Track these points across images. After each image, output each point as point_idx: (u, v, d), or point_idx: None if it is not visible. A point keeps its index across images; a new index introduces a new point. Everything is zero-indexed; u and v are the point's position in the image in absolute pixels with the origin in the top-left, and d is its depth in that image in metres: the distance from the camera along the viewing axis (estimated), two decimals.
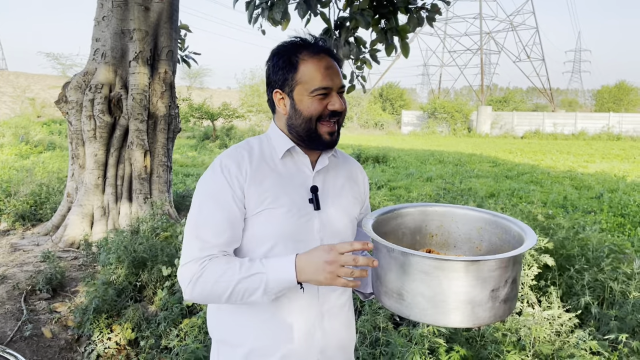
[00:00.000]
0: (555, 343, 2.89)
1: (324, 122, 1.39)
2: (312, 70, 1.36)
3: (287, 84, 1.39)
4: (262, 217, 1.36)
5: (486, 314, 1.18)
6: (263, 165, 1.40)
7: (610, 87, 53.61)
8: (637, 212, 8.68)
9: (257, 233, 1.37)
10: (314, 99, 1.36)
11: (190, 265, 1.31)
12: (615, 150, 22.86)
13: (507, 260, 1.18)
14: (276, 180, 1.39)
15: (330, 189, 1.49)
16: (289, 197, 1.39)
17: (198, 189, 1.39)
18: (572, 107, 63.82)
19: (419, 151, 21.30)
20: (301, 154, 1.44)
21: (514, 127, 35.51)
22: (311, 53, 1.38)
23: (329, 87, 1.37)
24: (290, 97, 1.39)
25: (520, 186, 11.44)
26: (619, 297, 3.46)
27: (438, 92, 58.28)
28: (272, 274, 1.26)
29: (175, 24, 6.02)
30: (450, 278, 1.15)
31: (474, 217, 1.53)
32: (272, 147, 1.45)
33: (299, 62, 1.37)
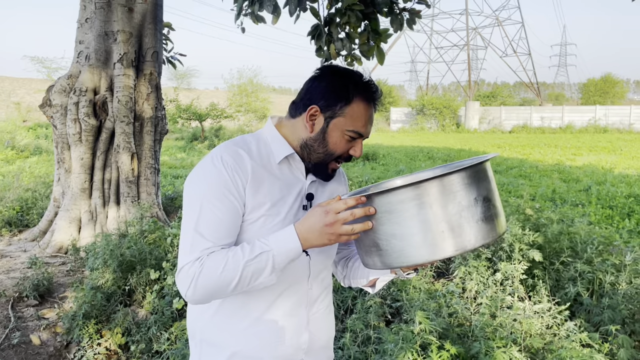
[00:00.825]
0: (546, 337, 2.90)
1: (338, 161, 1.42)
2: (361, 112, 1.36)
3: (332, 109, 1.36)
4: (258, 224, 1.34)
5: (466, 238, 1.13)
6: (261, 168, 1.37)
7: (596, 80, 54.14)
8: (624, 203, 8.76)
9: (252, 240, 1.32)
10: (344, 137, 1.37)
11: (190, 264, 1.26)
12: (602, 142, 23.08)
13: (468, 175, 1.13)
14: (274, 186, 1.37)
15: (323, 196, 1.50)
16: (286, 205, 1.38)
17: (195, 182, 1.33)
18: (559, 100, 64.38)
19: (409, 148, 21.36)
20: (298, 160, 1.43)
21: (502, 122, 35.74)
22: (368, 97, 1.38)
23: (362, 135, 1.39)
24: (327, 122, 1.37)
25: (509, 180, 11.50)
26: (609, 288, 3.48)
27: (426, 88, 58.46)
28: (277, 249, 1.24)
29: (159, 25, 5.96)
30: (411, 208, 1.12)
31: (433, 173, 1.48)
32: (270, 151, 1.42)
33: (355, 97, 1.36)
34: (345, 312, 3.67)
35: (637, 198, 9.24)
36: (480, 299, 3.47)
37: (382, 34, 5.25)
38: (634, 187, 10.39)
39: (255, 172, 1.34)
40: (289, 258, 1.25)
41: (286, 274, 1.36)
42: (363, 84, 1.38)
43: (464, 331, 3.13)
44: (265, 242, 1.26)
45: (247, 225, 1.34)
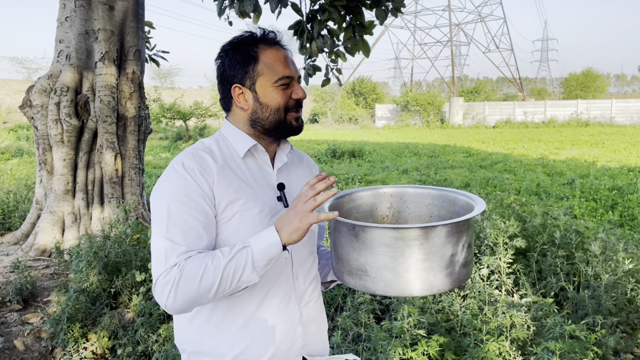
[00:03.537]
0: (533, 328, 2.92)
1: (291, 112, 1.39)
2: (273, 61, 1.36)
3: (248, 77, 1.36)
4: (234, 221, 1.32)
5: (448, 280, 1.23)
6: (226, 167, 1.35)
7: (578, 74, 54.80)
8: (608, 196, 8.89)
9: (230, 238, 1.32)
10: (278, 89, 1.36)
11: (166, 273, 1.22)
12: (584, 136, 23.39)
13: (461, 225, 1.22)
14: (243, 182, 1.35)
15: (294, 185, 1.48)
16: (259, 198, 1.36)
17: (160, 193, 1.30)
18: (541, 95, 65.07)
19: (394, 144, 21.42)
20: (262, 151, 1.42)
21: (486, 117, 36.02)
22: (269, 44, 1.38)
23: (291, 77, 1.37)
24: (253, 90, 1.37)
25: (494, 175, 11.59)
26: (592, 280, 3.52)
27: (410, 84, 58.69)
28: (256, 245, 1.22)
29: (141, 23, 5.89)
30: (412, 246, 1.18)
31: (421, 194, 1.58)
32: (232, 147, 1.40)
33: (258, 53, 1.36)
34: (336, 309, 3.67)
35: (620, 190, 9.38)
36: (467, 294, 3.48)
37: (367, 27, 5.25)
38: (617, 179, 10.54)
39: (221, 172, 1.32)
40: (268, 255, 1.23)
41: (270, 268, 1.33)
42: (257, 37, 1.38)
43: (451, 325, 3.14)
44: (243, 241, 1.25)
45: (223, 224, 1.32)
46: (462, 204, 1.44)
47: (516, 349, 2.78)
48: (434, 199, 1.55)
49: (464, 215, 1.26)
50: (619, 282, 3.42)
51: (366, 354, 2.79)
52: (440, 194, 1.53)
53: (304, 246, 1.46)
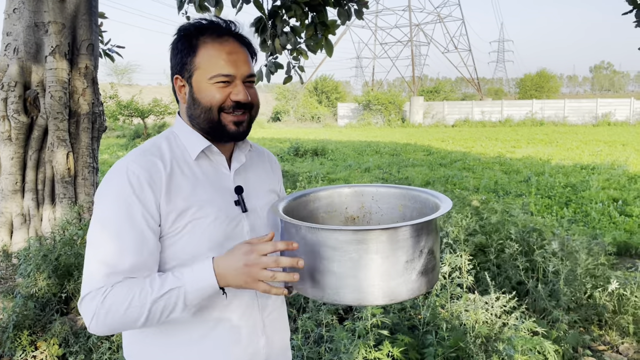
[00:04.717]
0: (495, 325, 2.95)
1: (227, 113, 1.26)
2: (212, 55, 1.23)
3: (186, 68, 1.25)
4: (187, 230, 1.20)
5: (402, 289, 1.13)
6: (177, 171, 1.23)
7: (532, 75, 56.51)
8: (562, 193, 9.16)
9: (185, 248, 1.21)
10: (214, 86, 1.23)
11: (92, 295, 1.11)
12: (539, 135, 24.11)
13: (419, 228, 1.13)
14: (196, 186, 1.24)
15: (253, 187, 1.37)
16: (214, 203, 1.25)
17: (101, 201, 1.18)
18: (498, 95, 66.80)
19: (356, 143, 21.53)
20: (217, 153, 1.31)
21: (445, 117, 36.67)
22: (214, 35, 1.25)
23: (231, 75, 1.24)
24: (189, 83, 1.26)
25: (454, 173, 11.79)
26: (551, 276, 3.58)
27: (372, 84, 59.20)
28: (190, 285, 1.12)
29: (94, 16, 5.66)
30: (361, 250, 1.08)
31: (394, 194, 1.49)
32: (183, 147, 1.29)
33: (199, 44, 1.24)
34: (298, 310, 3.61)
35: (573, 188, 9.69)
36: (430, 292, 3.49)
37: (330, 26, 5.20)
38: (570, 177, 10.89)
39: (171, 179, 1.21)
40: (203, 296, 1.13)
41: None
42: (205, 26, 1.26)
43: (414, 324, 3.14)
44: (179, 275, 1.13)
45: (174, 236, 1.20)
46: (432, 205, 1.37)
47: (479, 346, 2.79)
48: (407, 200, 1.47)
49: (424, 217, 1.17)
50: (577, 278, 3.49)
51: (329, 355, 2.74)
52: (412, 194, 1.46)
53: None
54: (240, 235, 1.28)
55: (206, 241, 1.22)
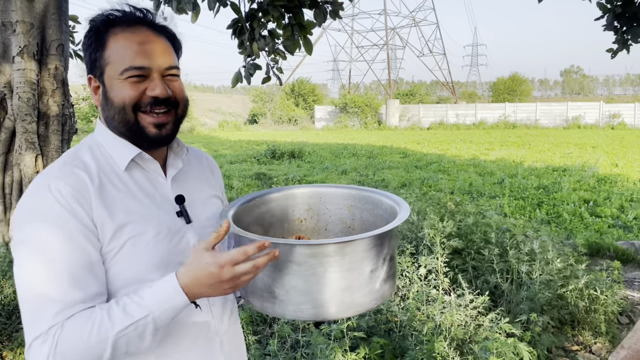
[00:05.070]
0: (470, 327, 2.96)
1: (145, 112, 1.10)
2: (122, 46, 1.08)
3: (97, 65, 1.10)
4: (125, 252, 1.06)
5: (368, 299, 1.10)
6: (107, 184, 1.08)
7: (505, 79, 57.49)
8: (535, 195, 9.31)
9: (125, 270, 1.07)
10: (125, 82, 1.07)
11: (41, 340, 0.96)
12: (512, 137, 24.52)
13: (382, 236, 1.10)
14: (131, 201, 1.10)
15: (195, 195, 1.24)
16: (153, 217, 1.11)
17: (24, 226, 1.01)
18: (472, 98, 67.78)
19: (333, 145, 21.56)
20: (149, 160, 1.16)
21: (421, 119, 37.04)
22: (124, 26, 1.09)
23: (145, 67, 1.08)
24: (102, 82, 1.10)
25: (429, 175, 11.89)
26: (525, 278, 3.62)
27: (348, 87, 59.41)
28: (157, 309, 1.00)
29: (65, 16, 5.53)
30: (325, 264, 1.03)
31: (342, 194, 1.44)
32: (110, 157, 1.12)
33: (108, 37, 1.09)
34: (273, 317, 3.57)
35: (545, 189, 9.86)
36: (406, 294, 3.49)
37: (307, 27, 5.20)
38: (543, 179, 11.09)
39: (101, 192, 1.06)
40: (174, 314, 1.03)
41: None
42: (113, 16, 1.10)
43: (390, 327, 3.13)
44: (139, 302, 1.00)
45: (112, 257, 1.06)
46: (386, 206, 1.32)
47: (455, 349, 2.80)
48: (356, 200, 1.41)
49: (388, 224, 1.13)
50: (550, 280, 3.54)
51: None
52: (363, 195, 1.40)
53: None
54: (186, 250, 1.16)
55: (149, 260, 1.09)
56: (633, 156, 15.17)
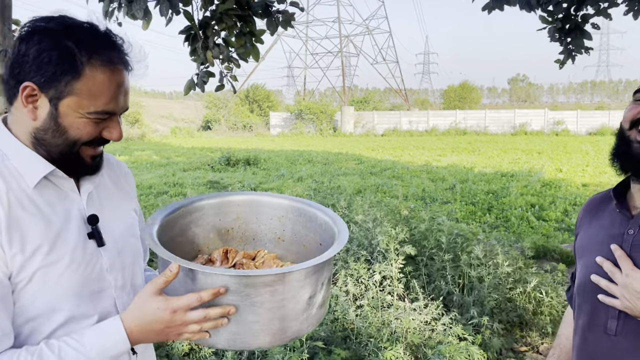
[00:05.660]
0: (425, 332, 3.03)
1: (89, 147, 1.04)
2: (99, 85, 0.98)
3: (55, 86, 0.96)
4: (37, 280, 0.96)
5: (304, 325, 1.08)
6: (16, 205, 0.96)
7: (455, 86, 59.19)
8: (485, 200, 9.62)
9: (34, 302, 0.97)
10: (90, 121, 1.00)
11: None
12: (463, 144, 25.25)
13: (321, 264, 1.06)
14: (40, 222, 0.98)
15: (108, 212, 1.13)
16: (66, 243, 1.01)
17: None
18: (424, 105, 69.37)
19: (289, 152, 21.56)
20: (63, 177, 1.05)
21: (375, 126, 37.59)
22: (106, 60, 0.98)
23: (113, 113, 1.03)
24: (54, 105, 0.98)
25: (384, 181, 12.08)
26: (476, 282, 3.74)
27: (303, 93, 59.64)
28: (98, 356, 0.93)
29: (8, 21, 5.31)
30: (257, 295, 0.98)
31: (275, 204, 1.39)
32: (17, 173, 0.99)
33: (84, 66, 0.97)
34: None
35: (494, 194, 10.21)
36: (361, 302, 3.54)
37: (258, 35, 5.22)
38: (492, 184, 11.47)
39: (10, 216, 0.94)
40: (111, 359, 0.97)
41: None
42: (97, 42, 0.98)
43: (347, 334, 3.16)
44: (78, 347, 0.92)
45: (21, 289, 0.95)
46: (321, 222, 1.28)
47: (410, 354, 2.86)
48: (289, 212, 1.37)
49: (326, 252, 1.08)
50: (500, 283, 3.67)
51: None
52: (298, 207, 1.35)
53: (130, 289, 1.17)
54: (100, 276, 1.07)
55: (62, 291, 0.99)
56: (576, 162, 15.93)
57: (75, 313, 1.02)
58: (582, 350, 1.28)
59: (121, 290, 1.12)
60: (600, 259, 1.20)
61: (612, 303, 1.16)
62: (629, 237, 1.18)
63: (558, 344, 1.53)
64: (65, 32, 0.97)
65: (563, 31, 5.37)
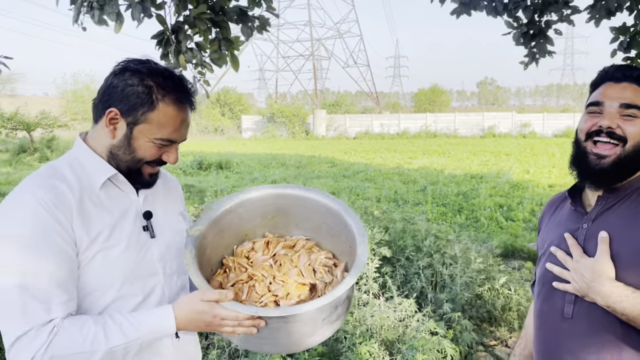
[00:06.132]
0: (399, 328, 3.13)
1: (149, 166, 1.29)
2: (168, 118, 1.23)
3: (134, 114, 1.22)
4: (97, 262, 1.18)
5: (318, 338, 1.30)
6: (85, 198, 1.20)
7: (426, 90, 60.16)
8: (455, 201, 9.85)
9: (96, 280, 1.19)
10: (155, 144, 1.25)
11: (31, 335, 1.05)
12: (433, 146, 25.66)
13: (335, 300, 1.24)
14: (104, 214, 1.22)
15: (160, 212, 1.38)
16: (123, 231, 1.24)
17: (8, 233, 1.09)
18: (395, 108, 70.13)
19: (262, 155, 21.56)
20: (123, 180, 1.29)
21: (347, 129, 37.84)
22: (176, 99, 1.24)
23: (175, 141, 1.28)
24: (130, 128, 1.23)
25: (357, 184, 12.22)
26: (448, 280, 3.87)
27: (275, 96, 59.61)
28: (150, 335, 1.16)
29: None
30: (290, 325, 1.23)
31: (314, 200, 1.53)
32: (87, 175, 1.24)
33: (159, 101, 1.22)
34: None
35: (464, 195, 10.45)
36: None
37: (234, 42, 5.25)
38: (462, 185, 11.73)
39: (80, 205, 1.18)
40: (158, 339, 1.21)
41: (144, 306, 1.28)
42: (171, 85, 1.24)
43: None
44: (136, 325, 1.15)
45: (85, 265, 1.18)
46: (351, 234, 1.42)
47: (385, 349, 2.95)
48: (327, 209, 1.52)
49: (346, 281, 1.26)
50: (471, 281, 3.80)
51: None
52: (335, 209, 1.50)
53: (176, 278, 1.40)
54: (150, 263, 1.30)
55: (118, 272, 1.22)
56: (543, 163, 16.40)
57: (125, 292, 1.23)
58: (541, 333, 1.39)
59: (169, 277, 1.35)
60: (554, 248, 1.32)
61: (565, 288, 1.28)
62: (583, 230, 1.30)
63: (524, 334, 1.64)
64: (149, 74, 1.22)
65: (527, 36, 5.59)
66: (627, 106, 1.25)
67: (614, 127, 1.25)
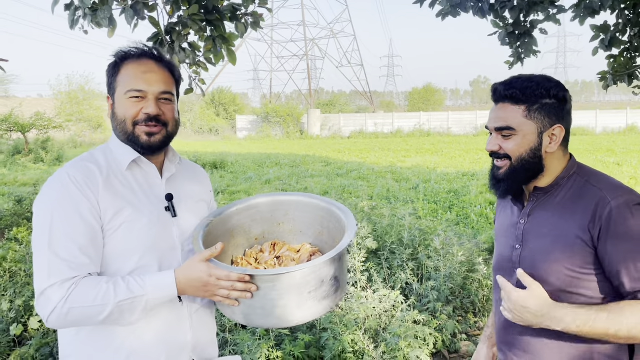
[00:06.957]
0: (383, 318, 3.26)
1: (140, 125, 1.42)
2: (130, 73, 1.41)
3: (111, 87, 1.44)
4: (121, 232, 1.35)
5: (305, 313, 1.35)
6: (113, 177, 1.39)
7: (419, 89, 60.29)
8: (446, 198, 9.99)
9: (120, 248, 1.35)
10: (128, 101, 1.40)
11: (56, 288, 1.24)
12: (426, 145, 25.81)
13: (320, 265, 1.33)
14: (130, 192, 1.40)
15: (182, 195, 1.54)
16: (146, 208, 1.41)
17: (43, 204, 1.31)
18: (389, 108, 70.25)
19: (256, 155, 21.64)
20: (147, 163, 1.47)
21: (341, 128, 37.94)
22: (134, 58, 1.44)
23: (143, 90, 1.40)
24: (113, 100, 1.44)
25: (350, 182, 12.34)
26: (433, 272, 4.01)
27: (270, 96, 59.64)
28: (153, 294, 1.30)
29: None
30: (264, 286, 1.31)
31: (315, 205, 1.69)
32: (115, 159, 1.44)
33: (122, 65, 1.43)
34: None
35: (456, 193, 10.59)
36: None
37: (229, 39, 5.36)
38: (453, 183, 11.88)
39: (107, 182, 1.36)
40: (162, 302, 1.33)
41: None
42: (134, 51, 1.45)
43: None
44: (141, 284, 1.29)
45: (110, 235, 1.35)
46: (343, 225, 1.53)
47: (369, 338, 3.09)
48: (325, 212, 1.65)
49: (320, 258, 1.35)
50: (455, 273, 3.94)
51: None
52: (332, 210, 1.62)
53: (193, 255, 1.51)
54: (170, 238, 1.45)
55: (139, 242, 1.37)
56: None
57: (144, 262, 1.38)
58: (499, 319, 1.55)
59: (188, 254, 1.49)
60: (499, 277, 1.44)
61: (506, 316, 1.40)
62: (520, 225, 1.47)
63: (493, 323, 1.78)
64: (116, 55, 1.45)
65: (513, 36, 5.72)
66: (501, 129, 1.40)
67: (496, 149, 1.42)
